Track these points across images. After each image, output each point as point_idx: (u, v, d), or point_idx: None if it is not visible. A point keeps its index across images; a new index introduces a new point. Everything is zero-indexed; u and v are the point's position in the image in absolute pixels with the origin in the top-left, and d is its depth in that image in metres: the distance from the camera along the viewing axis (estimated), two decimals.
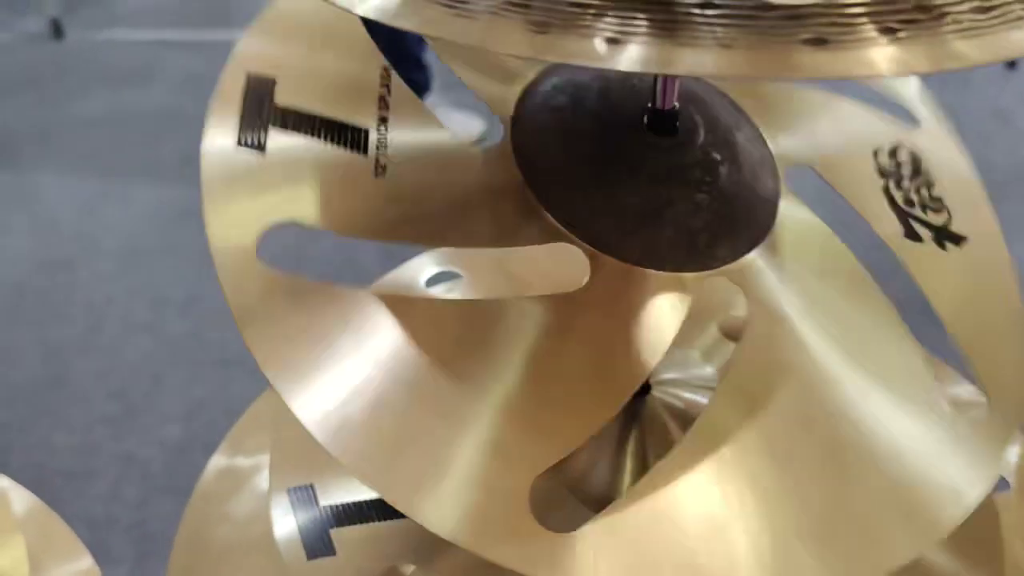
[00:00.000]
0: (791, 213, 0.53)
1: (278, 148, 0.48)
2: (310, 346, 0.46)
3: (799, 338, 0.49)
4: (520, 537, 0.43)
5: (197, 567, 0.65)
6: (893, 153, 0.58)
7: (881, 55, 0.33)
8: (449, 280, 0.71)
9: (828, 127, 0.60)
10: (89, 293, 1.95)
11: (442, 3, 0.38)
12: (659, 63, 0.34)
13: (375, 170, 0.49)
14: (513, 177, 0.50)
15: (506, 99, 0.52)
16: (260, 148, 0.48)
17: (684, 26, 0.34)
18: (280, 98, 0.49)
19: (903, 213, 0.56)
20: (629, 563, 0.44)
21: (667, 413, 0.59)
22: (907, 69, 0.33)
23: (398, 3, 0.38)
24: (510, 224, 0.50)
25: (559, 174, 0.51)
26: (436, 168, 0.51)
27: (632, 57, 0.34)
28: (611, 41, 0.34)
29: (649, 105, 0.51)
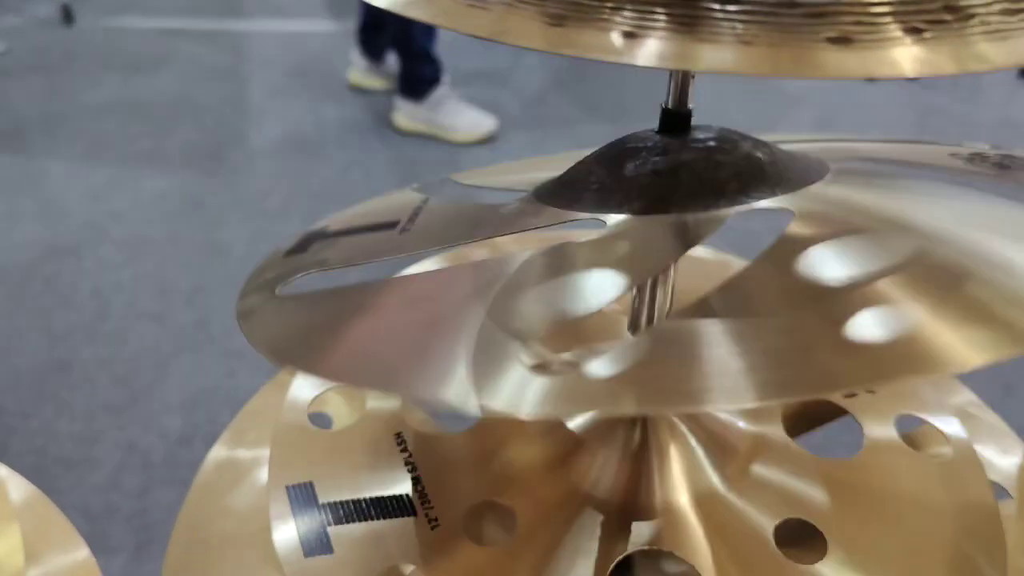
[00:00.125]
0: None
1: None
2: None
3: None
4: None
5: (194, 560, 0.64)
6: (975, 154, 0.50)
7: (905, 55, 0.32)
8: None
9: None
10: (96, 280, 1.95)
11: None
12: (678, 59, 0.33)
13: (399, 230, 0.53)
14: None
15: None
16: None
17: (704, 22, 0.34)
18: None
19: (992, 165, 0.48)
20: None
21: (684, 419, 0.58)
22: (931, 70, 0.32)
23: None
24: (536, 218, 0.48)
25: (565, 186, 0.49)
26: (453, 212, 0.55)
27: (650, 53, 0.33)
28: (629, 35, 0.34)
29: (663, 106, 0.48)
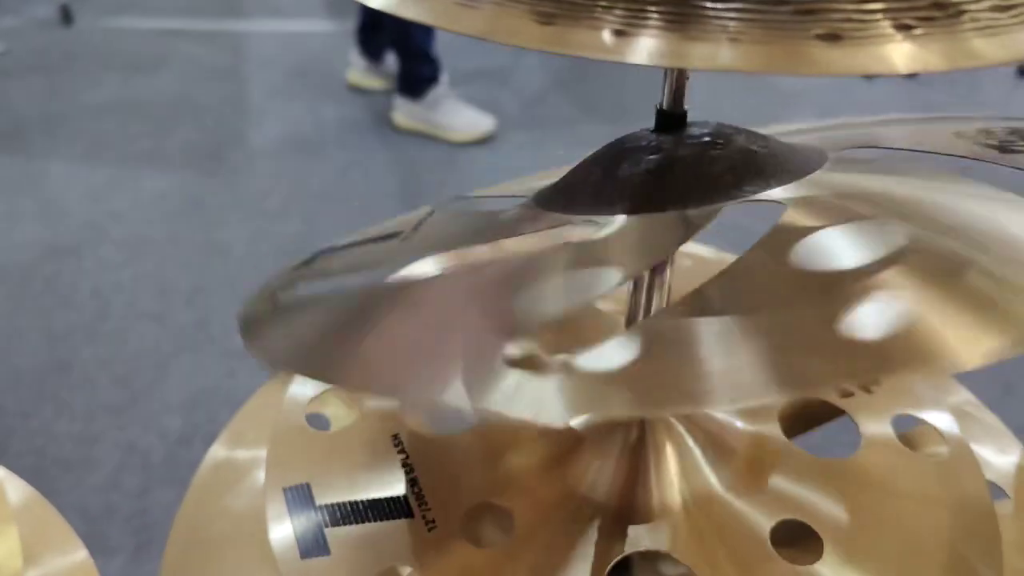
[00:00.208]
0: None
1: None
2: None
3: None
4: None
5: (191, 561, 0.64)
6: (983, 130, 0.50)
7: (896, 52, 0.32)
8: None
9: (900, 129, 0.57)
10: (96, 280, 1.95)
11: None
12: (668, 57, 0.33)
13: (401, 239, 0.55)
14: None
15: None
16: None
17: (695, 19, 0.33)
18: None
19: (997, 144, 0.47)
20: None
21: (681, 419, 0.58)
22: (923, 66, 0.32)
23: None
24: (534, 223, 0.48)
25: (562, 191, 0.50)
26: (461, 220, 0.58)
27: (641, 50, 0.33)
28: (619, 33, 0.34)
29: (657, 107, 0.48)
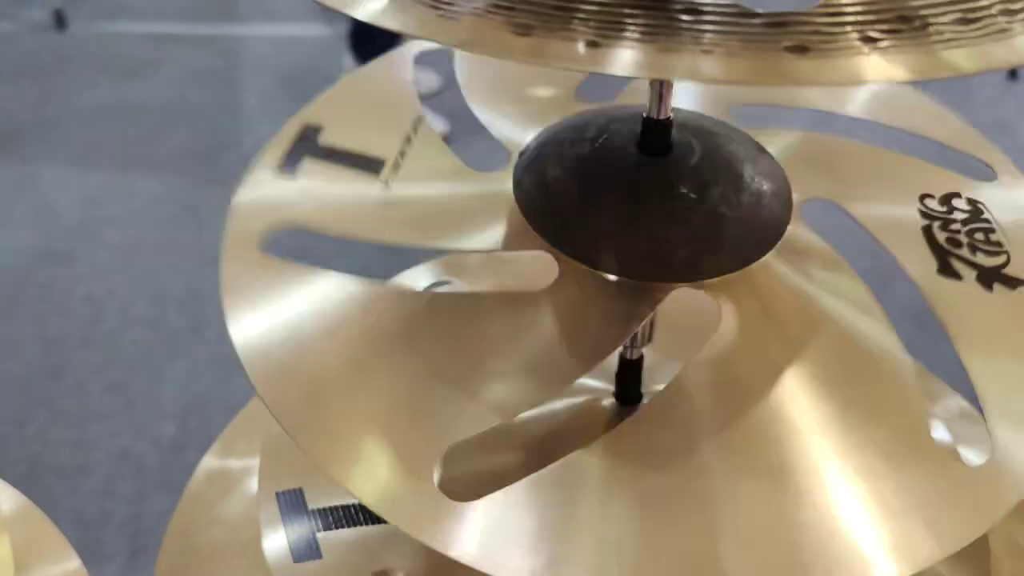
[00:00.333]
0: (800, 243, 0.52)
1: (305, 172, 0.57)
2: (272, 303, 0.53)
3: (773, 366, 0.48)
4: (416, 499, 0.43)
5: (185, 567, 0.65)
6: (947, 200, 0.56)
7: (866, 64, 0.33)
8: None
9: (870, 172, 0.59)
10: (89, 286, 1.95)
11: (428, 4, 0.38)
12: (641, 67, 0.34)
13: (383, 187, 0.56)
14: (508, 196, 0.53)
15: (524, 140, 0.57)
16: (291, 173, 0.58)
17: (668, 31, 0.34)
18: (323, 139, 0.59)
19: (942, 251, 0.53)
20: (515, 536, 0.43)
21: None
22: (890, 78, 0.32)
23: (385, 4, 0.38)
24: (499, 234, 0.52)
25: (550, 196, 0.52)
26: (437, 186, 0.58)
27: (613, 61, 0.34)
28: (593, 44, 0.34)
29: (644, 115, 0.51)
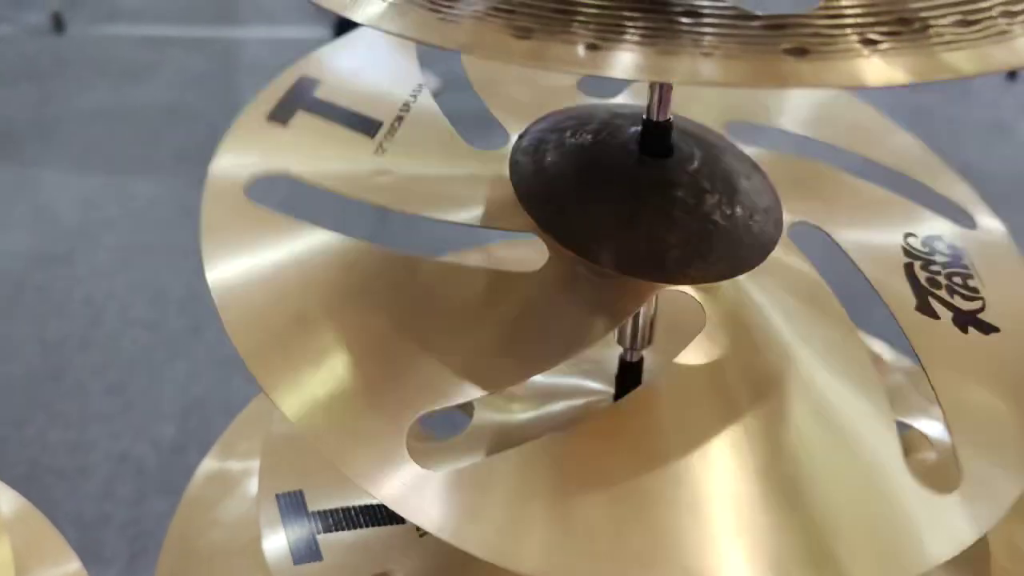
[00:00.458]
0: (787, 262, 0.52)
1: (297, 124, 0.56)
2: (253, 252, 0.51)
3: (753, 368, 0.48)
4: (385, 463, 0.43)
5: (185, 571, 0.65)
6: (929, 241, 0.56)
7: (866, 66, 0.33)
8: None
9: (858, 205, 0.59)
10: (88, 288, 1.95)
11: (428, 8, 0.38)
12: (640, 70, 0.34)
13: (376, 149, 0.56)
14: (504, 178, 0.53)
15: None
16: (283, 123, 0.57)
17: (667, 34, 0.34)
18: (320, 94, 0.58)
19: (922, 290, 0.53)
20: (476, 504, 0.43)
21: None
22: (892, 80, 0.32)
23: (385, 7, 0.38)
24: (489, 211, 0.52)
25: (546, 181, 0.52)
26: (432, 157, 0.57)
27: (613, 64, 0.34)
28: (593, 47, 0.34)
29: (644, 117, 0.51)
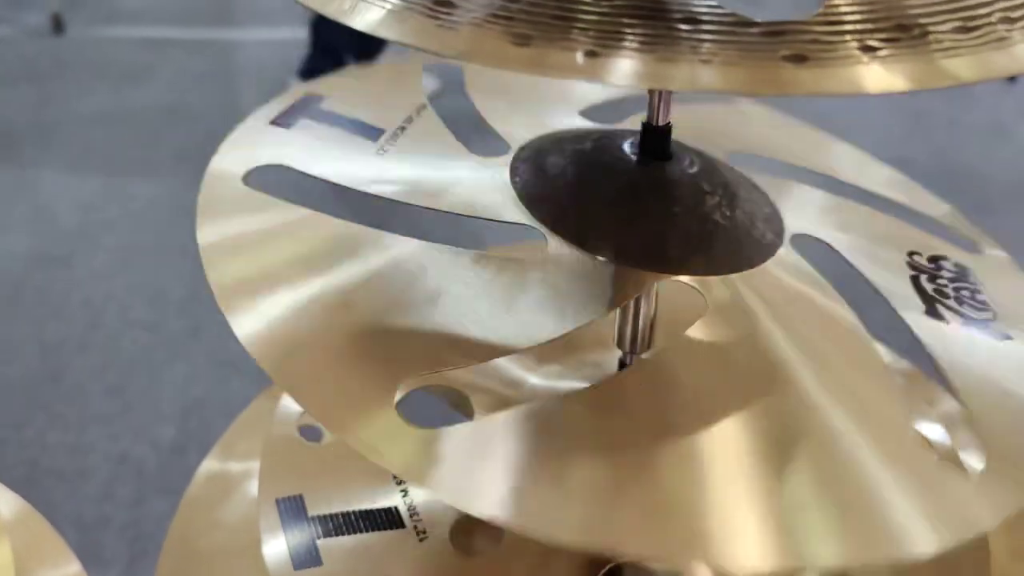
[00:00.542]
0: (790, 264, 0.52)
1: (299, 127, 0.57)
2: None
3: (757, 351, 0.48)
4: (376, 424, 0.43)
5: (185, 572, 0.65)
6: (935, 259, 0.56)
7: (865, 73, 0.33)
8: None
9: (861, 224, 0.59)
10: (87, 290, 1.95)
11: (426, 14, 0.38)
12: (639, 77, 0.34)
13: (377, 151, 0.56)
14: (505, 180, 0.54)
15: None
16: (286, 127, 0.58)
17: (667, 41, 0.34)
18: (324, 106, 0.60)
19: (930, 298, 0.53)
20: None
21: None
22: (891, 87, 0.32)
23: (383, 14, 0.38)
24: (490, 206, 0.53)
25: (546, 181, 0.53)
26: (433, 160, 0.58)
27: (612, 71, 0.34)
28: (592, 54, 0.34)
29: (643, 122, 0.51)
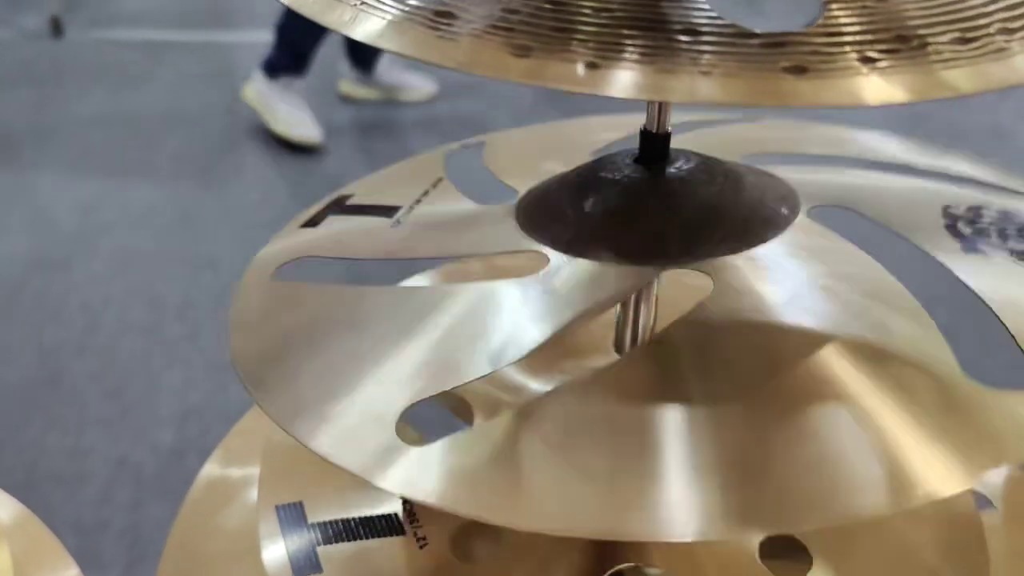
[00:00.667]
0: (810, 230, 0.51)
1: (326, 224, 0.61)
2: None
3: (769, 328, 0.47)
4: (379, 449, 0.44)
5: None
6: (974, 208, 0.54)
7: (865, 84, 0.33)
8: None
9: (887, 190, 0.58)
10: (85, 294, 1.95)
11: (427, 25, 0.38)
12: (639, 89, 0.34)
13: (393, 224, 0.58)
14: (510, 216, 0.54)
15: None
16: (314, 225, 0.61)
17: (667, 52, 0.34)
18: (351, 202, 0.63)
19: (967, 239, 0.51)
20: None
21: None
22: (891, 99, 0.33)
23: (383, 25, 0.38)
24: (495, 239, 0.53)
25: (546, 199, 0.53)
26: (442, 215, 0.60)
27: (612, 82, 0.34)
28: (592, 66, 0.34)
29: (642, 129, 0.51)
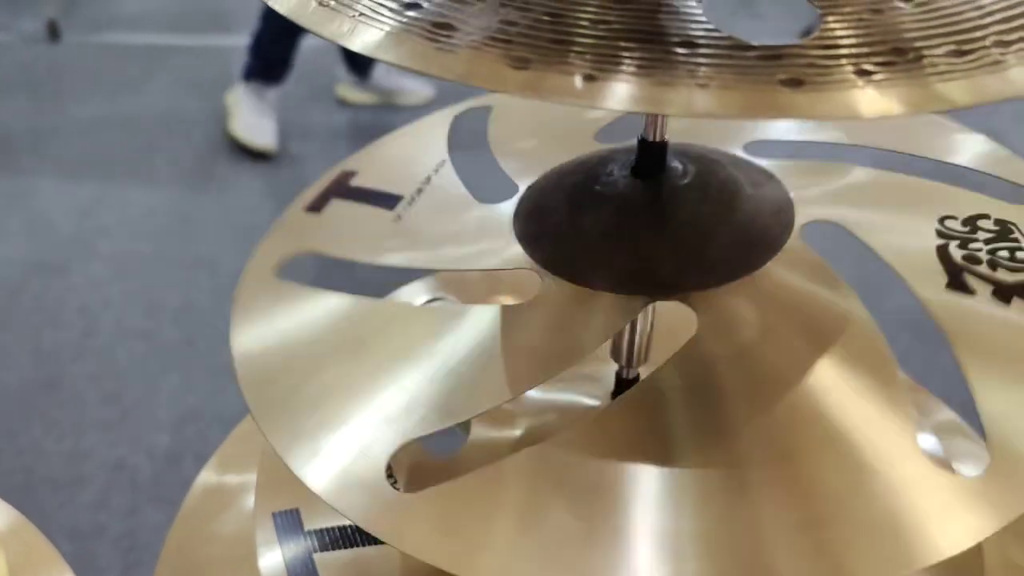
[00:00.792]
0: (796, 257, 0.51)
1: (329, 210, 0.61)
2: None
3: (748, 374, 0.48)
4: (365, 491, 0.44)
5: None
6: (971, 220, 0.54)
7: (860, 97, 0.33)
8: None
9: (885, 197, 0.58)
10: (84, 297, 1.95)
11: (425, 37, 0.38)
12: (636, 101, 0.34)
13: (394, 219, 0.59)
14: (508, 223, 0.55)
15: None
16: (317, 211, 0.61)
17: (664, 65, 0.34)
18: (354, 182, 0.63)
19: (956, 267, 0.51)
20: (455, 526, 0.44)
21: None
22: (886, 111, 0.33)
23: (381, 36, 0.38)
24: (492, 253, 0.53)
25: (540, 216, 0.53)
26: (442, 217, 0.60)
27: (609, 95, 0.34)
28: (590, 78, 0.34)
29: (639, 137, 0.51)
